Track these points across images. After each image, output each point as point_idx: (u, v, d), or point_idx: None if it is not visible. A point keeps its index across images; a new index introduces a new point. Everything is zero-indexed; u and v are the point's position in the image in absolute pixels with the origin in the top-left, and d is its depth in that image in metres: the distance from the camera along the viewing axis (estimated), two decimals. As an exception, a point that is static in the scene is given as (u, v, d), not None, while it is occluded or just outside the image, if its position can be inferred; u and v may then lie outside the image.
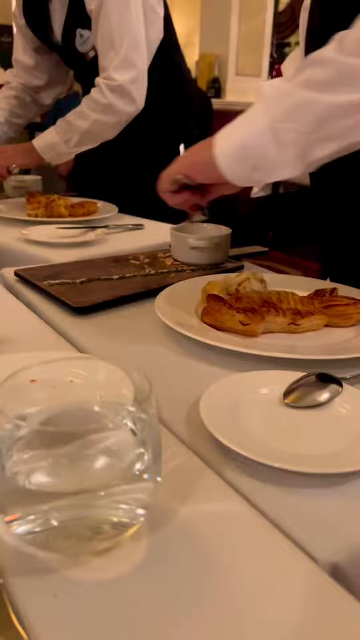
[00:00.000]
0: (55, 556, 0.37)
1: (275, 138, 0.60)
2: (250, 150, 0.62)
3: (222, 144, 0.64)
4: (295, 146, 0.60)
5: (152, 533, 0.39)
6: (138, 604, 0.34)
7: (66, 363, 0.46)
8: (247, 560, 0.38)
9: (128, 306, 0.83)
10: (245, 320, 0.69)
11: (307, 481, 0.45)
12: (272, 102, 0.60)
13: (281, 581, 0.36)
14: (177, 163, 0.71)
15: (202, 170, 0.67)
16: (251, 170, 0.64)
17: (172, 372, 0.64)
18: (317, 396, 0.55)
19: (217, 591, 0.35)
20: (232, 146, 0.63)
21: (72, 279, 0.90)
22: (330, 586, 0.36)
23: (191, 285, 0.84)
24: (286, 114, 0.59)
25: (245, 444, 0.47)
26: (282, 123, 0.59)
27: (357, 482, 0.45)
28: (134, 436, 0.37)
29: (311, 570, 0.37)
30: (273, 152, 0.61)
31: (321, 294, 0.78)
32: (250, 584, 0.36)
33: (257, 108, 0.62)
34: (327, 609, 0.34)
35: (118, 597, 0.34)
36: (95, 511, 0.36)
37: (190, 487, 0.44)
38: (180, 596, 0.34)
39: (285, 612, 0.34)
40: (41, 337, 0.73)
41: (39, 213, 1.36)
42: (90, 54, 1.44)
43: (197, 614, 0.33)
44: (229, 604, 0.34)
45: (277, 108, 0.60)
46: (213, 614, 0.33)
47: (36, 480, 0.36)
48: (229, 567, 0.37)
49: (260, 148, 0.61)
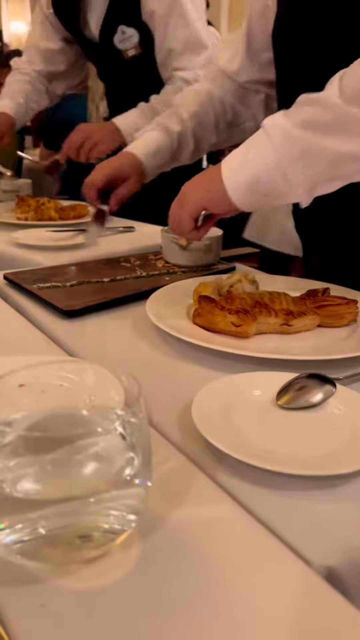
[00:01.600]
0: (43, 566, 0.36)
1: (284, 176, 0.62)
2: (261, 184, 0.64)
3: (232, 177, 0.66)
4: (304, 184, 0.63)
5: (143, 539, 0.38)
6: (129, 613, 0.33)
7: (54, 367, 0.45)
8: (240, 564, 0.37)
9: (119, 309, 0.82)
10: (237, 322, 0.69)
11: (300, 483, 0.44)
12: (279, 145, 0.62)
13: (275, 585, 0.35)
14: (191, 201, 0.72)
15: (219, 204, 0.69)
16: (261, 198, 0.66)
17: (164, 374, 0.63)
18: (311, 397, 0.54)
19: (211, 597, 0.34)
20: (243, 181, 0.65)
21: (62, 282, 0.90)
22: (324, 590, 0.35)
23: (183, 287, 0.84)
24: (295, 158, 0.61)
25: (238, 446, 0.46)
26: (291, 165, 0.62)
27: (351, 484, 0.45)
28: (123, 440, 0.37)
29: (306, 573, 0.36)
30: (282, 187, 0.64)
31: (313, 294, 0.77)
32: (244, 589, 0.35)
33: (265, 146, 0.63)
34: (321, 612, 0.34)
35: (108, 606, 0.33)
36: (85, 518, 0.36)
37: (182, 490, 0.43)
38: (173, 603, 0.34)
39: (280, 616, 0.33)
40: (31, 341, 0.72)
41: (28, 216, 1.35)
42: (129, 52, 1.41)
43: (191, 621, 0.33)
44: (223, 610, 0.33)
45: (285, 151, 0.62)
46: (206, 620, 0.33)
47: (23, 488, 0.35)
48: (222, 572, 0.36)
49: (270, 182, 0.64)
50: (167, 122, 0.98)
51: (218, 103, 0.98)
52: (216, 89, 0.98)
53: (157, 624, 0.32)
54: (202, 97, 0.98)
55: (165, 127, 0.98)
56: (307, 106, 0.62)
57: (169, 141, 0.98)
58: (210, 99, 0.98)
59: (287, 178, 0.62)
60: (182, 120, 0.97)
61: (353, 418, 0.51)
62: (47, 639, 0.31)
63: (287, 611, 0.33)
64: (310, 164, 0.61)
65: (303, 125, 0.61)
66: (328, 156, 0.60)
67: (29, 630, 0.32)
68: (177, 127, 0.97)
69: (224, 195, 0.66)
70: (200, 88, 0.99)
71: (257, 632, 0.32)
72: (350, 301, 0.74)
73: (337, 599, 0.34)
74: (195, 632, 0.32)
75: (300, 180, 0.62)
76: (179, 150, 1.00)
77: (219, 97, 0.98)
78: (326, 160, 0.60)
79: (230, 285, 0.82)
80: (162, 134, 0.98)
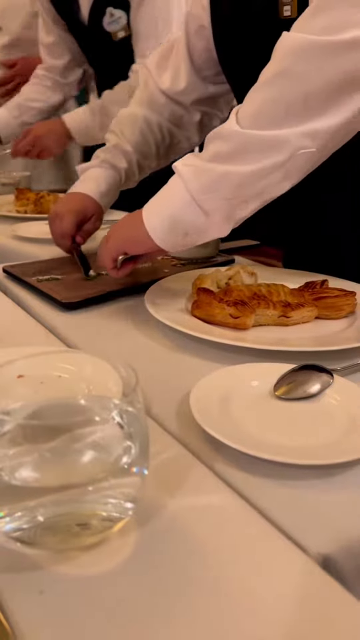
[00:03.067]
0: (41, 552, 0.36)
1: (200, 207, 0.65)
2: (179, 221, 0.67)
3: (152, 219, 0.69)
4: (221, 211, 0.66)
5: (140, 527, 0.38)
6: (126, 599, 0.33)
7: (53, 357, 0.45)
8: (237, 553, 0.37)
9: (118, 301, 0.82)
10: (235, 313, 0.69)
11: (297, 473, 0.45)
12: (190, 180, 0.65)
13: (272, 573, 0.36)
14: (113, 241, 0.76)
15: (139, 244, 0.72)
16: (183, 237, 0.69)
17: (162, 366, 0.64)
18: (308, 388, 0.54)
19: (208, 585, 0.35)
20: (162, 220, 0.68)
21: (61, 274, 0.90)
22: (321, 577, 0.35)
23: (181, 280, 0.84)
24: (205, 187, 0.64)
25: (236, 436, 0.46)
26: (203, 197, 0.65)
27: (348, 473, 0.45)
28: (121, 429, 0.37)
29: (302, 561, 0.36)
30: (200, 221, 0.66)
31: (311, 286, 0.77)
32: (241, 577, 0.35)
33: (178, 185, 0.66)
34: (317, 599, 0.34)
35: (106, 592, 0.34)
36: (83, 506, 0.36)
37: (180, 480, 0.43)
38: (171, 590, 0.34)
39: (276, 603, 0.33)
40: (30, 333, 0.72)
41: (28, 209, 1.35)
42: (118, 34, 1.41)
43: (188, 608, 0.33)
44: (220, 598, 0.34)
45: (196, 184, 0.65)
46: (204, 607, 0.33)
47: (22, 476, 0.35)
48: (219, 560, 0.36)
49: (188, 217, 0.66)
50: (113, 159, 1.00)
51: (157, 129, 1.00)
52: (152, 114, 0.99)
53: (154, 610, 0.33)
54: (140, 124, 1.00)
55: (112, 164, 1.00)
56: (212, 142, 0.66)
57: (117, 177, 1.02)
58: (148, 126, 1.00)
59: (203, 209, 0.65)
60: (127, 154, 1.00)
61: (350, 408, 0.52)
62: (46, 624, 0.32)
63: (284, 598, 0.34)
64: (220, 190, 0.64)
65: (209, 159, 0.65)
66: (235, 179, 0.63)
67: (28, 616, 0.32)
68: (123, 164, 1.00)
69: (145, 237, 0.69)
70: (136, 113, 1.00)
71: (253, 618, 0.33)
72: (348, 293, 0.74)
73: (334, 586, 0.35)
74: (192, 619, 0.32)
75: (215, 208, 0.65)
76: (126, 183, 1.04)
77: (157, 123, 1.00)
78: (233, 184, 0.63)
79: (228, 277, 0.82)
80: (111, 172, 1.01)
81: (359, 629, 0.32)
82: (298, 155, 0.61)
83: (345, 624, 0.33)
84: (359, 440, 0.47)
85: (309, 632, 0.32)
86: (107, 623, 0.32)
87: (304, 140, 0.60)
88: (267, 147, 0.61)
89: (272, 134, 0.61)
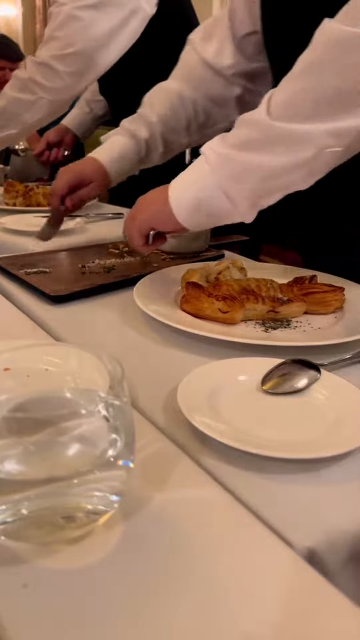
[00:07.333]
0: (25, 546, 0.36)
1: (226, 195, 0.66)
2: (204, 204, 0.68)
3: (176, 200, 0.69)
4: (246, 200, 0.66)
5: (126, 520, 0.38)
6: (111, 592, 0.33)
7: (39, 350, 0.45)
8: (223, 546, 0.37)
9: (107, 295, 0.82)
10: (224, 308, 0.69)
11: (284, 467, 0.45)
12: (217, 168, 0.65)
13: (256, 566, 0.36)
14: (140, 218, 0.75)
15: (166, 222, 0.72)
16: (206, 217, 0.70)
17: (150, 360, 0.64)
18: (295, 383, 0.55)
19: (193, 579, 0.34)
20: (186, 202, 0.69)
21: (49, 267, 0.89)
22: (305, 570, 0.35)
23: (171, 274, 0.84)
24: (233, 177, 0.65)
25: (222, 430, 0.46)
26: (230, 184, 0.65)
27: (334, 467, 0.45)
28: (106, 422, 0.37)
29: (287, 554, 0.37)
30: (226, 206, 0.67)
31: (300, 282, 0.78)
32: (227, 571, 0.35)
33: (204, 169, 0.66)
34: (302, 592, 0.34)
35: (91, 586, 0.33)
36: (69, 499, 0.36)
37: (166, 474, 0.43)
38: (155, 584, 0.34)
39: (261, 596, 0.33)
40: (17, 326, 0.71)
41: (17, 202, 1.34)
42: None
43: (173, 601, 0.33)
44: (205, 591, 0.34)
45: (223, 172, 0.65)
46: (189, 600, 0.33)
47: (6, 469, 0.35)
48: (204, 554, 0.36)
49: (213, 201, 0.67)
50: (133, 128, 0.97)
51: (190, 105, 0.98)
52: (188, 88, 0.97)
53: (139, 603, 0.33)
54: (173, 99, 0.97)
55: (132, 132, 0.98)
56: (239, 128, 0.66)
57: (136, 147, 0.98)
58: (181, 101, 0.97)
59: (229, 196, 0.65)
60: (150, 125, 0.97)
61: (337, 403, 0.52)
62: (29, 618, 0.31)
63: (268, 591, 0.34)
64: (247, 181, 0.64)
65: (236, 146, 0.65)
66: (262, 172, 0.63)
67: (11, 609, 0.32)
68: (144, 134, 0.97)
69: (170, 215, 0.70)
70: (171, 87, 0.98)
71: (239, 611, 0.33)
72: (336, 288, 0.74)
73: (318, 579, 0.35)
74: (177, 612, 0.32)
75: (242, 197, 0.66)
76: (147, 155, 1.00)
77: (191, 99, 0.98)
78: (261, 175, 0.64)
79: (218, 272, 0.82)
80: (128, 140, 0.98)
81: (343, 621, 0.32)
82: (324, 153, 0.60)
83: (328, 615, 0.33)
84: (345, 434, 0.47)
85: (294, 625, 0.32)
86: (91, 617, 0.32)
87: (330, 139, 0.59)
88: (294, 143, 0.61)
89: (299, 131, 0.60)
